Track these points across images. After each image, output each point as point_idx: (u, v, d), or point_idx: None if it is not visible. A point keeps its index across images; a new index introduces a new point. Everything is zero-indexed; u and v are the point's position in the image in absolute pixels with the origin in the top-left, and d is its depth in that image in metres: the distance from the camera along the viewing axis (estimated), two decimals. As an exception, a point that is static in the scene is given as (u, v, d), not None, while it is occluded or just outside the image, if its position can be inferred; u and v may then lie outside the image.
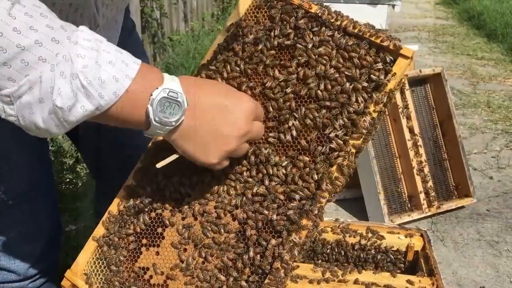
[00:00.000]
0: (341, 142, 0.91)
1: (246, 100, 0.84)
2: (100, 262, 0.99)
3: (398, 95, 2.66)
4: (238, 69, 0.98)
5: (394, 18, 7.52)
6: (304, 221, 0.90)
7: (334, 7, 3.25)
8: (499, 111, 4.16)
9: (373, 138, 2.76)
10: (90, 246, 1.00)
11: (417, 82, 2.78)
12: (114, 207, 1.01)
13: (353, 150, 0.91)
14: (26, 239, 1.15)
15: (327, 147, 0.92)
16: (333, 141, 0.92)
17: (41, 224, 1.17)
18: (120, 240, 0.98)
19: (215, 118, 0.79)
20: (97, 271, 0.99)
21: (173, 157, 0.87)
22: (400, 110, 2.67)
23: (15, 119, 0.71)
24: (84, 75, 0.68)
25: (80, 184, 2.63)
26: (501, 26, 6.72)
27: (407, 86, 2.70)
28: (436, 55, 5.93)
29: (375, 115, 0.92)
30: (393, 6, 3.16)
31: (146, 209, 0.98)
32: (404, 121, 2.68)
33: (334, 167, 0.91)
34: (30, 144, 1.09)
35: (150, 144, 1.02)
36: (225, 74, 0.98)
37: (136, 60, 0.75)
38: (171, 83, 0.76)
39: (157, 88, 0.74)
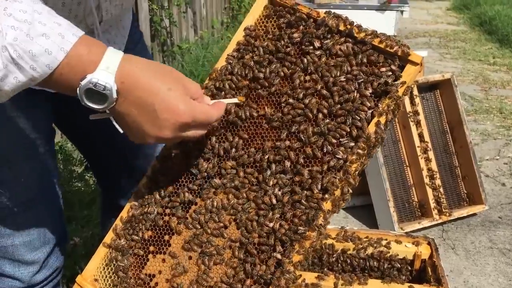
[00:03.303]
0: (348, 151, 0.90)
1: (178, 112, 0.79)
2: (109, 268, 1.01)
3: (407, 101, 2.64)
4: (245, 77, 0.99)
5: (405, 24, 7.49)
6: (308, 231, 0.89)
7: (343, 13, 3.25)
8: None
9: (382, 145, 2.73)
10: (100, 252, 1.02)
11: (427, 88, 2.76)
12: (124, 213, 1.02)
13: (362, 157, 0.90)
14: (31, 246, 1.15)
15: (334, 157, 0.91)
16: (339, 151, 0.91)
17: (46, 232, 1.17)
18: (128, 246, 0.99)
19: (141, 115, 0.79)
20: (106, 276, 1.01)
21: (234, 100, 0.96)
22: (409, 116, 2.64)
23: None
24: (13, 48, 0.69)
25: (88, 192, 2.64)
26: (513, 31, 6.65)
27: (416, 93, 2.68)
28: (448, 61, 5.88)
29: (383, 122, 0.91)
30: (402, 12, 3.15)
31: (155, 217, 0.98)
32: (413, 128, 2.65)
33: (339, 177, 0.90)
34: (36, 151, 1.10)
35: (159, 154, 1.02)
36: (232, 83, 0.99)
37: (76, 32, 0.74)
38: (103, 74, 0.74)
39: (85, 78, 0.74)
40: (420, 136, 2.66)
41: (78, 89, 0.74)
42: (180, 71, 4.68)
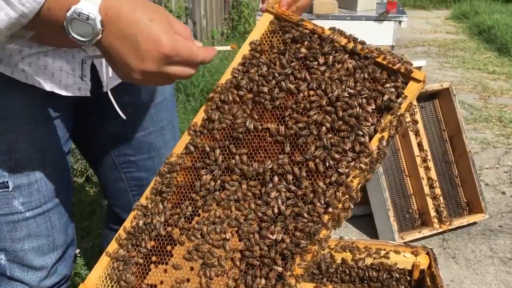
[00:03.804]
0: (350, 166, 0.91)
1: (159, 43, 0.79)
2: (112, 277, 1.01)
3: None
4: (250, 91, 1.00)
5: (404, 33, 7.53)
6: (310, 245, 0.90)
7: (341, 24, 3.29)
8: (511, 126, 4.12)
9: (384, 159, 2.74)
10: (103, 261, 1.03)
11: (425, 97, 2.77)
12: (127, 223, 1.03)
13: (364, 173, 0.91)
14: (40, 251, 1.17)
15: (337, 172, 0.92)
16: (342, 165, 0.92)
17: (55, 238, 1.19)
18: (131, 256, 1.01)
19: (124, 47, 0.79)
20: (109, 286, 1.01)
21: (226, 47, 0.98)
22: (408, 126, 2.65)
23: None
24: None
25: (88, 203, 2.65)
26: (511, 40, 6.68)
27: (415, 102, 2.69)
28: (447, 69, 5.91)
29: (385, 138, 0.92)
30: (400, 22, 3.17)
31: (158, 227, 0.99)
32: (413, 137, 2.66)
33: (342, 192, 0.91)
34: (52, 158, 1.13)
35: (162, 167, 1.03)
36: (237, 96, 1.01)
37: None
38: (86, 4, 0.76)
39: (70, 9, 0.76)
40: (419, 145, 2.67)
41: (64, 21, 0.76)
42: (180, 81, 4.66)
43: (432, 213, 2.60)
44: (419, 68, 2.88)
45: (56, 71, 1.05)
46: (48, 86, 1.05)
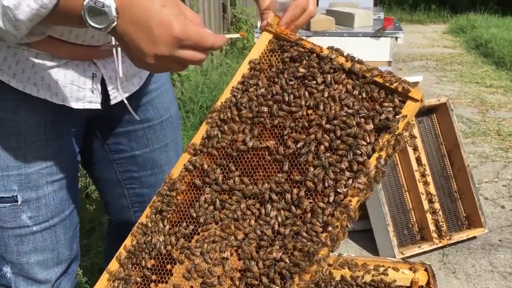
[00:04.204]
0: (349, 185, 0.93)
1: (170, 27, 0.82)
2: None
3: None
4: (250, 109, 1.02)
5: (402, 48, 7.59)
6: (308, 265, 0.90)
7: (339, 40, 3.31)
8: (510, 139, 4.13)
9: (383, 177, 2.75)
10: (103, 280, 1.04)
11: (423, 112, 2.79)
12: (128, 242, 1.04)
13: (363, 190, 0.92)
14: (45, 265, 1.19)
15: (335, 192, 0.93)
16: (340, 185, 0.93)
17: (60, 253, 1.21)
18: (131, 275, 1.01)
19: (137, 32, 0.82)
20: None
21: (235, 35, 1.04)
22: (407, 140, 2.67)
23: None
24: None
25: (88, 220, 2.65)
26: (509, 53, 6.73)
27: (413, 117, 2.71)
28: (445, 83, 5.95)
29: (383, 157, 0.93)
30: (396, 38, 3.21)
31: (157, 246, 1.00)
32: (411, 152, 2.68)
33: (340, 211, 0.92)
34: (61, 175, 1.15)
35: (162, 186, 1.04)
36: (238, 115, 1.02)
37: None
38: None
39: None
40: (418, 160, 2.68)
41: (82, 10, 0.80)
42: (179, 98, 4.68)
43: (432, 228, 2.61)
44: (416, 83, 2.91)
45: (68, 85, 1.08)
46: (59, 99, 1.08)
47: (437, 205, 2.65)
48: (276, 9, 1.04)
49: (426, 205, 2.63)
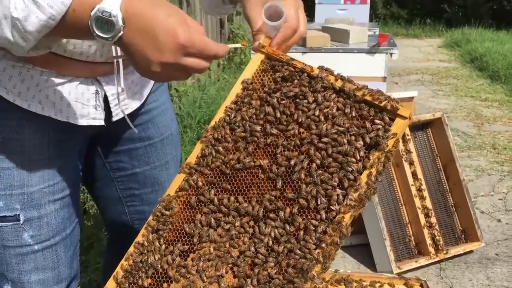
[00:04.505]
0: (341, 202, 0.94)
1: (176, 35, 0.85)
2: None
3: (400, 140, 2.69)
4: (243, 129, 1.04)
5: (397, 62, 7.66)
6: (302, 282, 0.92)
7: (334, 56, 3.34)
8: (505, 153, 4.16)
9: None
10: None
11: (418, 127, 2.82)
12: (125, 261, 1.05)
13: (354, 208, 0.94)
14: (45, 284, 1.19)
15: (327, 209, 0.95)
16: (333, 202, 0.94)
17: (61, 271, 1.22)
18: None
19: (143, 41, 0.85)
20: None
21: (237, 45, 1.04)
22: (402, 155, 2.69)
23: None
24: None
25: (86, 237, 2.65)
26: (503, 67, 6.80)
27: (408, 132, 2.74)
28: (440, 97, 5.99)
29: (374, 174, 0.95)
30: (391, 54, 3.25)
31: (154, 265, 1.01)
32: (407, 166, 2.70)
33: (333, 228, 0.93)
34: (63, 193, 1.17)
35: (158, 205, 1.05)
36: (232, 134, 1.04)
37: None
38: (109, 3, 0.82)
39: (94, 8, 0.82)
40: (414, 174, 2.70)
41: (89, 21, 0.82)
42: (177, 113, 4.71)
43: (429, 242, 2.62)
44: (411, 98, 2.94)
45: (72, 102, 1.10)
46: (64, 117, 1.10)
47: (433, 219, 2.67)
48: (267, 30, 1.06)
49: (422, 219, 2.64)
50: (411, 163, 2.71)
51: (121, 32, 0.83)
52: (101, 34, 0.83)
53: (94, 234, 2.66)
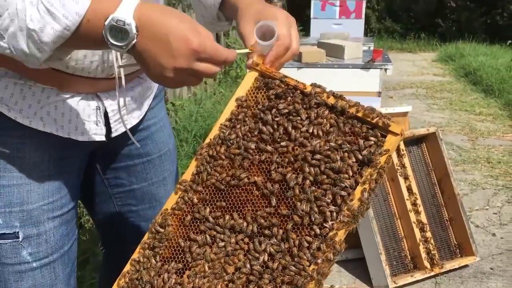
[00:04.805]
0: (334, 218, 0.95)
1: (189, 41, 0.87)
2: None
3: (394, 155, 2.71)
4: (238, 146, 1.05)
5: (392, 76, 7.71)
6: None
7: (329, 71, 3.36)
8: (499, 167, 4.19)
9: (372, 198, 2.78)
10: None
11: (413, 141, 2.84)
12: (121, 279, 1.05)
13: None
14: None
15: (321, 225, 0.95)
16: (326, 218, 0.95)
17: None
18: None
19: (157, 47, 0.87)
20: None
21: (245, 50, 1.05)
22: (397, 169, 2.71)
23: (9, 51, 0.85)
24: (47, 0, 0.82)
25: (82, 252, 2.64)
26: (497, 81, 6.87)
27: (403, 146, 2.76)
28: (435, 111, 6.04)
29: (367, 190, 0.96)
30: (385, 70, 3.29)
31: (150, 282, 1.02)
32: (402, 181, 2.71)
33: (326, 244, 0.94)
34: (62, 210, 1.17)
35: (154, 222, 1.06)
36: (227, 151, 1.05)
37: None
38: (123, 11, 0.85)
39: (108, 17, 0.84)
40: (409, 189, 2.72)
41: (103, 30, 0.85)
42: (173, 127, 4.71)
43: (424, 256, 2.62)
44: (405, 113, 2.97)
45: (73, 118, 1.11)
46: (65, 133, 1.11)
47: (428, 234, 2.67)
48: (260, 49, 1.08)
49: (418, 234, 2.65)
50: (406, 178, 2.72)
51: (135, 40, 0.86)
52: (115, 43, 0.86)
53: (89, 249, 2.65)
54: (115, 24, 0.84)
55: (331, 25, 6.83)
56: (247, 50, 1.07)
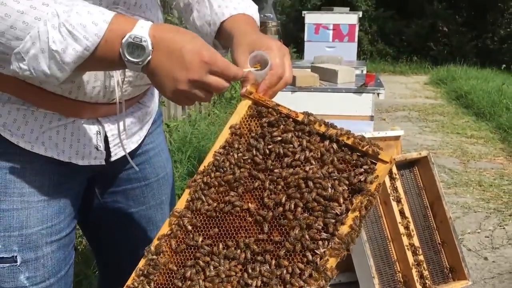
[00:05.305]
0: (325, 246, 0.97)
1: (201, 54, 0.93)
2: None
3: (387, 179, 2.74)
4: (232, 172, 1.07)
5: (385, 98, 7.79)
6: None
7: (323, 95, 3.39)
8: (491, 190, 4.22)
9: (365, 221, 2.78)
10: None
11: (405, 165, 2.86)
12: None
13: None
14: None
15: (313, 252, 0.97)
16: (318, 246, 0.97)
17: None
18: None
19: (170, 61, 0.92)
20: None
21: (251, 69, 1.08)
22: (390, 193, 2.73)
23: (29, 73, 0.89)
24: (69, 22, 0.86)
25: (75, 274, 2.62)
26: (488, 105, 6.98)
27: (395, 170, 2.78)
28: (427, 134, 6.10)
29: (357, 218, 0.97)
30: (378, 94, 3.34)
31: None
32: (394, 204, 2.73)
33: (318, 270, 0.95)
34: (60, 234, 1.17)
35: (149, 248, 1.07)
36: (220, 178, 1.07)
37: (112, 12, 0.92)
38: (139, 30, 0.90)
39: (125, 35, 0.89)
40: (401, 212, 2.72)
41: (120, 48, 0.89)
42: (168, 148, 4.75)
43: (416, 279, 2.62)
44: (397, 137, 3.00)
45: (74, 143, 1.13)
46: (66, 157, 1.13)
47: (421, 257, 2.67)
48: (254, 78, 1.11)
49: (410, 257, 2.65)
50: (398, 201, 2.74)
51: (150, 56, 0.91)
52: (132, 59, 0.90)
53: (82, 271, 2.63)
54: (132, 41, 0.89)
55: (325, 48, 6.93)
56: (253, 69, 1.10)
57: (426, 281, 2.64)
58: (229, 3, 1.25)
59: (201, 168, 1.09)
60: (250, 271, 0.99)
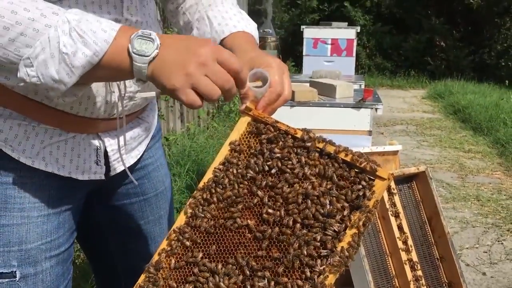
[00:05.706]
0: (324, 263, 0.97)
1: (207, 42, 0.97)
2: None
3: (385, 193, 2.74)
4: (231, 188, 1.08)
5: (383, 112, 7.83)
6: None
7: (321, 110, 3.41)
8: (489, 205, 4.23)
9: (363, 236, 2.78)
10: None
11: (403, 180, 2.87)
12: None
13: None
14: None
15: (311, 269, 0.97)
16: (316, 263, 0.97)
17: None
18: None
19: (178, 50, 0.94)
20: None
21: (152, 93, 1.07)
22: (388, 208, 2.73)
23: (37, 79, 0.89)
24: (79, 27, 0.89)
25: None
26: (485, 119, 7.01)
27: (393, 185, 2.79)
28: (425, 148, 6.12)
29: (356, 234, 0.98)
30: (376, 109, 3.36)
31: None
32: (392, 219, 2.73)
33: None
34: (58, 249, 1.18)
35: (149, 264, 1.07)
36: (219, 194, 1.08)
37: (117, 23, 0.95)
38: (145, 31, 0.94)
39: (133, 34, 0.92)
40: (400, 227, 2.73)
41: (129, 45, 0.92)
42: (167, 161, 4.75)
43: (415, 295, 2.61)
44: (395, 152, 3.02)
45: (74, 158, 1.14)
46: (66, 172, 1.13)
47: (419, 272, 2.67)
48: (253, 95, 1.12)
49: (409, 272, 2.64)
50: (396, 216, 2.74)
51: (157, 50, 0.92)
52: (140, 49, 0.92)
53: (80, 286, 2.62)
54: (141, 34, 0.92)
55: (323, 62, 6.99)
56: (257, 83, 1.11)
57: (425, 296, 2.63)
58: (229, 21, 1.27)
59: (201, 184, 1.10)
60: (249, 287, 1.00)
